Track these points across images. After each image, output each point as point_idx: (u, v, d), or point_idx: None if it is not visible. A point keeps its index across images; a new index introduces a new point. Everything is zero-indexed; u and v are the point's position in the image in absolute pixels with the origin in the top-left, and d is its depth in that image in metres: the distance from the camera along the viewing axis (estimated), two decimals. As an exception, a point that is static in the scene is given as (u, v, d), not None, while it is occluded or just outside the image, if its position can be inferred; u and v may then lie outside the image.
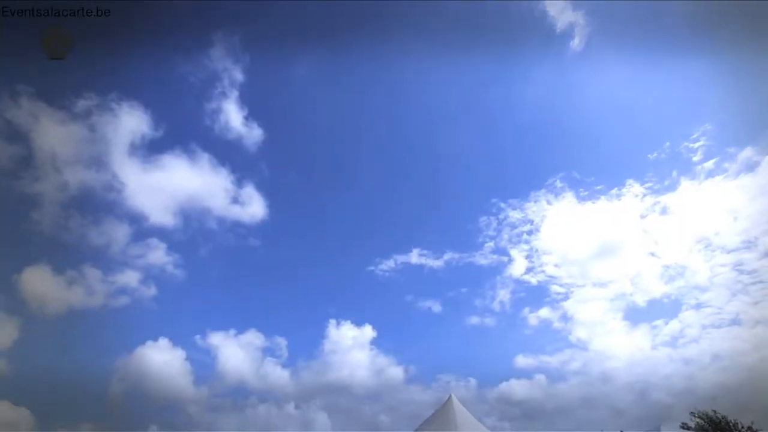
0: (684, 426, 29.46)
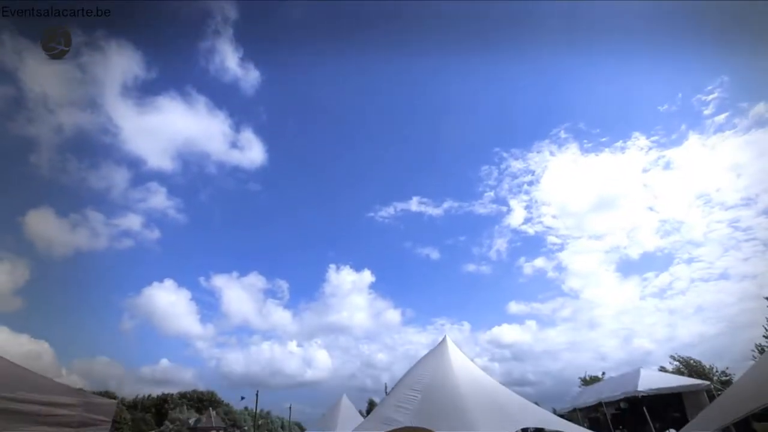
0: (662, 369, 31.53)
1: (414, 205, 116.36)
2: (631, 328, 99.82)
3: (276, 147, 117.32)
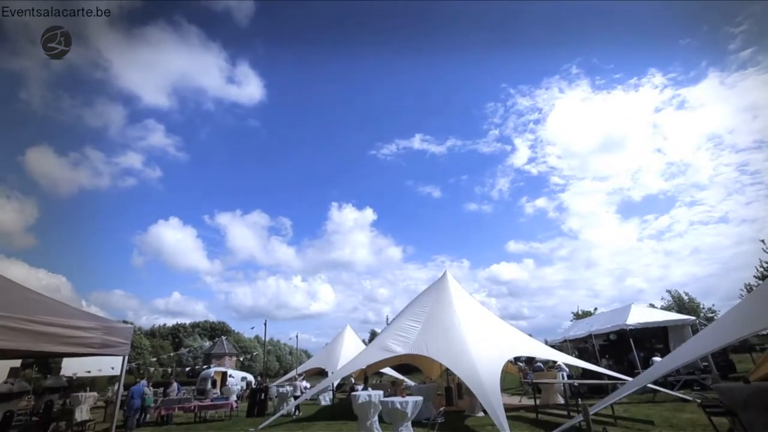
0: (651, 305, 32.92)
1: (416, 142, 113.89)
2: (626, 268, 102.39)
3: (274, 82, 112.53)
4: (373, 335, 54.76)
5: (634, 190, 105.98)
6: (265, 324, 21.91)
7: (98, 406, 19.50)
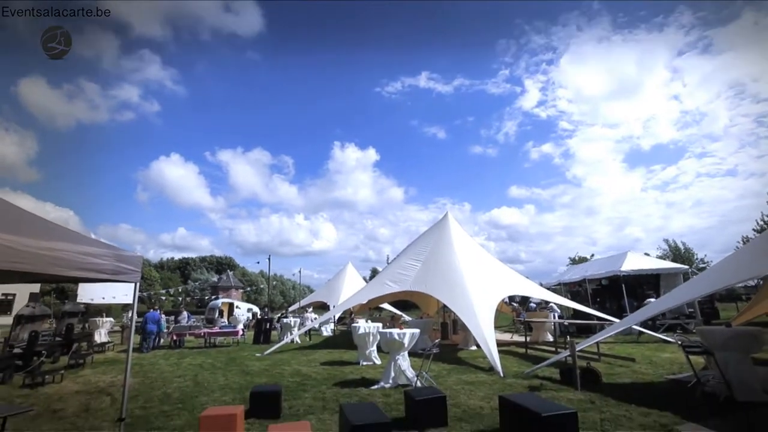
0: (646, 254, 33.60)
1: (423, 81, 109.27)
2: (626, 217, 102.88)
3: (274, 12, 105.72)
4: (374, 273, 56.69)
5: (644, 139, 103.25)
6: (269, 259, 22.68)
7: (115, 331, 20.82)
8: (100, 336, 16.15)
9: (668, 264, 20.70)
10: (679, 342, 6.94)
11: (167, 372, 9.99)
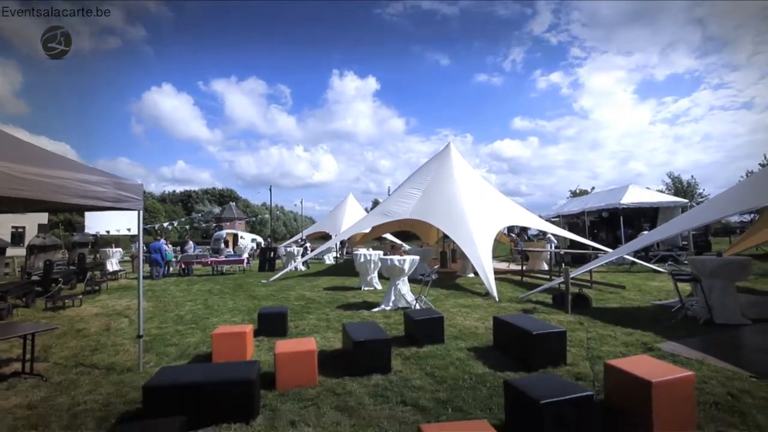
0: (648, 188, 33.55)
1: (426, 1, 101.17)
2: (630, 151, 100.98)
3: None
4: (375, 204, 57.28)
5: (659, 68, 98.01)
6: (270, 189, 22.79)
7: (125, 261, 21.60)
8: (112, 265, 16.79)
9: (667, 197, 20.77)
10: (669, 270, 7.20)
11: (179, 297, 10.54)
